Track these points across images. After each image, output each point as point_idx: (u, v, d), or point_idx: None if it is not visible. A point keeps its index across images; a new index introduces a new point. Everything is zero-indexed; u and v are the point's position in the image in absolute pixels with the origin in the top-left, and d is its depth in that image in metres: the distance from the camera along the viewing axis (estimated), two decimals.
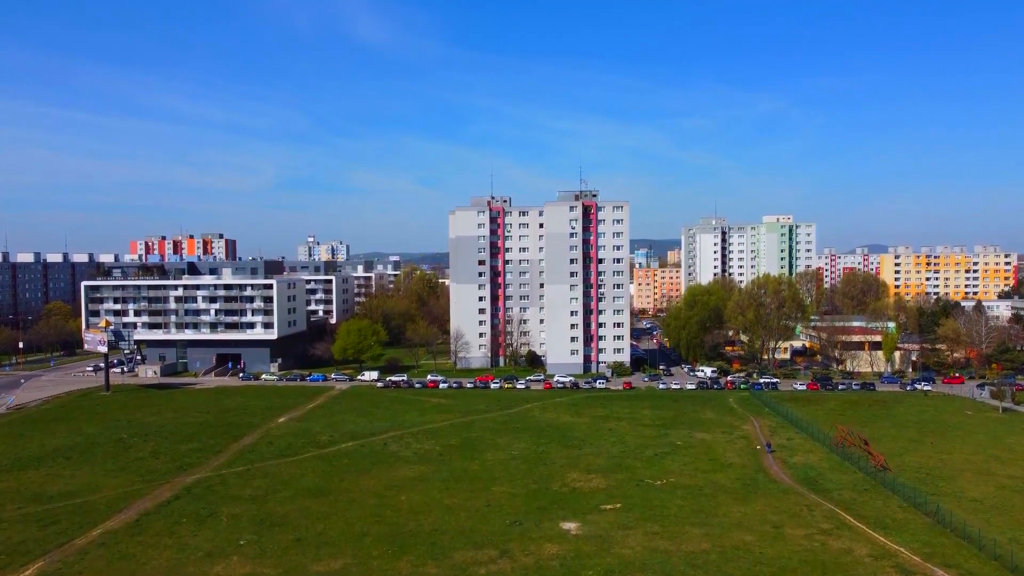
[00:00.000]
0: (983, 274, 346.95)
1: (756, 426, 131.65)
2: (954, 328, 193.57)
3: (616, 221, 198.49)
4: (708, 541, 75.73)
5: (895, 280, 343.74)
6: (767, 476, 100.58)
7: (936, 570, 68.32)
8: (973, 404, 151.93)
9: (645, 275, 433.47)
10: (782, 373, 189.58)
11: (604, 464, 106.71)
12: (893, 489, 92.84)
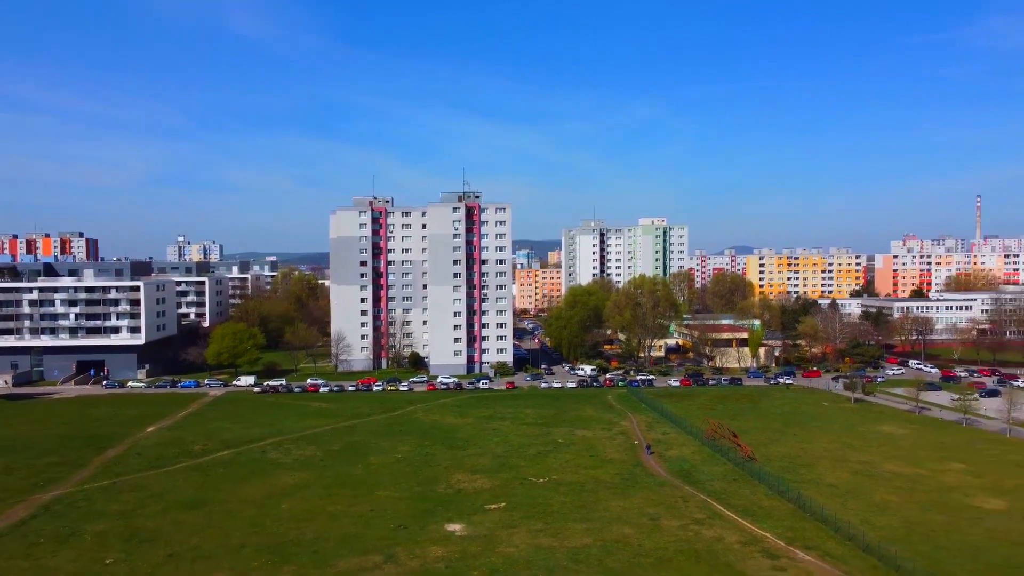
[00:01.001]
0: (837, 274, 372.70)
1: (634, 422, 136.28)
2: (812, 325, 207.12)
3: (499, 223, 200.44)
4: (590, 536, 77.89)
5: (760, 280, 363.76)
6: (645, 470, 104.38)
7: (798, 552, 73.05)
8: (829, 396, 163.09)
9: (527, 276, 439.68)
10: (658, 370, 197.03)
11: (488, 464, 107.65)
12: (760, 478, 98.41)
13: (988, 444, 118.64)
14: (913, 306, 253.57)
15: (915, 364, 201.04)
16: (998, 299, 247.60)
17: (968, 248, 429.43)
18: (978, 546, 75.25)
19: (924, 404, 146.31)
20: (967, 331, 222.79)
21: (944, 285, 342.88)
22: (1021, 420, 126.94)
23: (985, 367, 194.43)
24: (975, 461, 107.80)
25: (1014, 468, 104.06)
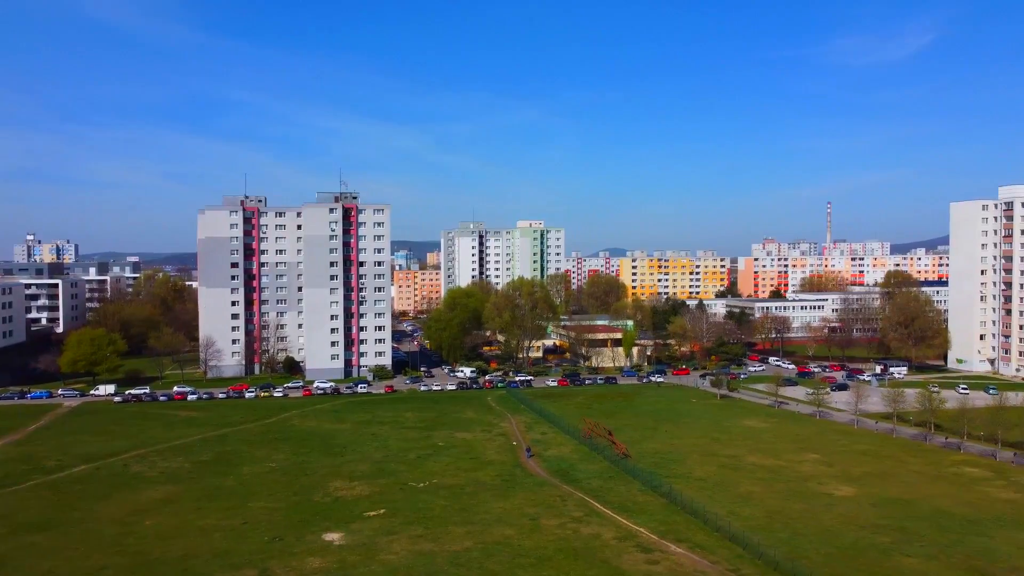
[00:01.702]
0: (704, 276, 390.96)
1: (513, 423, 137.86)
2: (681, 325, 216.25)
3: (377, 224, 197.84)
4: (471, 539, 78.17)
5: (633, 282, 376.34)
6: (525, 471, 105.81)
7: (670, 545, 76.09)
8: (698, 393, 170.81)
9: (406, 277, 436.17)
10: (536, 371, 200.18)
11: (368, 470, 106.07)
12: (634, 475, 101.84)
13: (839, 435, 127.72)
14: (772, 306, 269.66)
15: (774, 361, 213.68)
16: (846, 299, 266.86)
17: (820, 251, 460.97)
18: (831, 530, 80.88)
19: (783, 399, 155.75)
20: (819, 329, 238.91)
21: (799, 286, 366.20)
22: (867, 412, 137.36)
23: (836, 363, 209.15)
24: (828, 451, 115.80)
25: (861, 457, 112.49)
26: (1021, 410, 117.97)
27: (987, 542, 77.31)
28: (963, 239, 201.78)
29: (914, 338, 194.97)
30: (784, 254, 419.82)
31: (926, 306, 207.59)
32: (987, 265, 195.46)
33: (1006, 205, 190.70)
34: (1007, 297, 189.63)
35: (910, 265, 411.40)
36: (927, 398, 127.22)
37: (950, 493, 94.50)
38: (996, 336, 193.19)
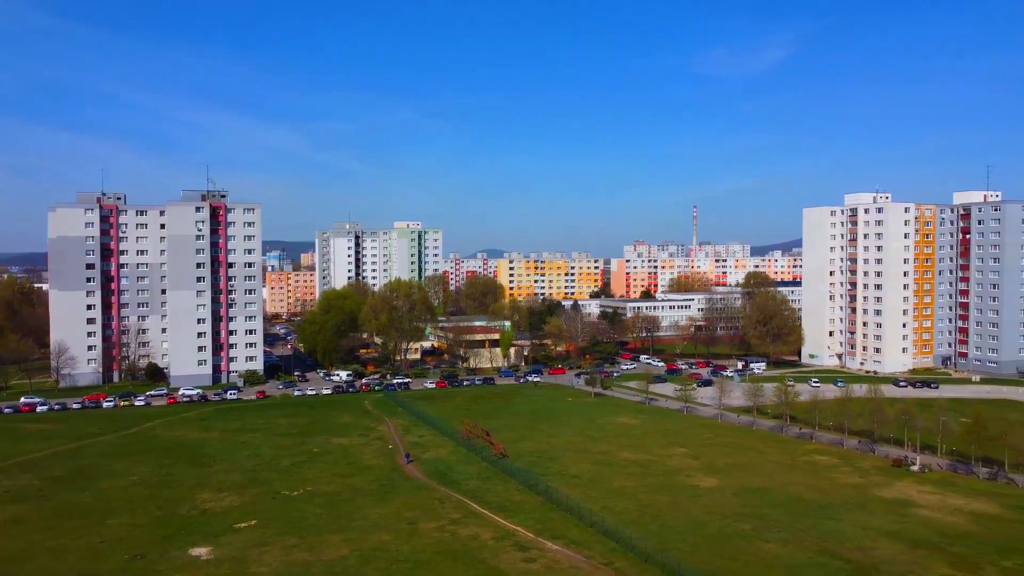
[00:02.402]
0: (579, 277, 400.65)
1: (391, 427, 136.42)
2: (557, 325, 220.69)
3: (248, 223, 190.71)
4: (347, 546, 76.79)
5: (510, 282, 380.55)
6: (402, 474, 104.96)
7: (546, 543, 77.56)
8: (573, 391, 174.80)
9: (279, 279, 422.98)
10: (414, 373, 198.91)
11: (238, 480, 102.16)
12: (511, 474, 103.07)
13: (704, 429, 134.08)
14: (643, 306, 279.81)
15: (645, 359, 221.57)
16: (711, 299, 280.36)
17: (687, 253, 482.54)
18: (697, 520, 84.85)
19: (653, 395, 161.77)
20: (687, 328, 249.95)
21: (668, 287, 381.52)
22: (730, 406, 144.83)
23: (702, 360, 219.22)
24: (694, 445, 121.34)
25: (725, 449, 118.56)
26: (864, 401, 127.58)
27: (836, 525, 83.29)
28: (814, 242, 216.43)
29: (772, 335, 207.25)
30: (654, 256, 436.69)
31: (782, 305, 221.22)
32: (835, 267, 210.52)
33: (851, 211, 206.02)
34: (852, 296, 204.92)
35: (768, 266, 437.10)
36: (783, 392, 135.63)
37: (804, 481, 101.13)
38: (843, 333, 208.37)
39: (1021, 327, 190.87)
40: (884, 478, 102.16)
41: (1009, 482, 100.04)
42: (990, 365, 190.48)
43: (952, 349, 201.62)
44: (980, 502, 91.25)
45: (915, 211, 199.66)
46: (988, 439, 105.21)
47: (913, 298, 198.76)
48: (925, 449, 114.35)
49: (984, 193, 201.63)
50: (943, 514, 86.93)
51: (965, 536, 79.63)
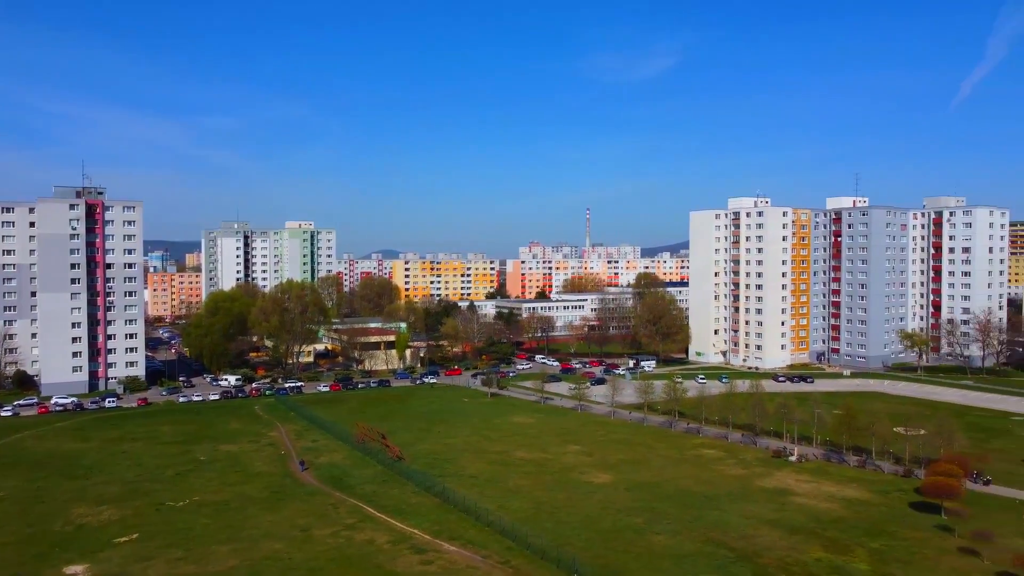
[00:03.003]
0: (475, 278, 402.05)
1: (283, 432, 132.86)
2: (453, 326, 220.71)
3: (128, 222, 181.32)
4: (237, 557, 74.35)
5: (405, 284, 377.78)
6: (295, 481, 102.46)
7: (444, 544, 77.52)
8: (469, 392, 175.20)
9: (162, 280, 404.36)
10: (307, 376, 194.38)
11: (118, 492, 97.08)
12: (408, 477, 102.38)
13: (598, 426, 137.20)
14: (538, 306, 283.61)
15: (540, 359, 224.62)
16: (603, 299, 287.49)
17: (580, 255, 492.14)
18: (591, 516, 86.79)
19: (548, 395, 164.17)
20: (580, 328, 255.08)
21: (562, 287, 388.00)
22: (622, 403, 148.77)
23: (595, 358, 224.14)
24: (588, 442, 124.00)
25: (617, 445, 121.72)
26: (747, 396, 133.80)
27: (721, 515, 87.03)
28: (700, 244, 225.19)
29: (661, 334, 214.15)
30: (548, 257, 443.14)
31: (671, 305, 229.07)
32: (720, 268, 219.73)
33: (734, 215, 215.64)
34: (735, 296, 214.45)
35: (657, 267, 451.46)
36: (672, 389, 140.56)
37: (691, 474, 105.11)
38: (727, 331, 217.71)
39: (886, 324, 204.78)
40: (765, 469, 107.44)
41: (876, 469, 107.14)
42: (859, 360, 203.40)
43: (826, 345, 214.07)
44: (851, 488, 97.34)
45: (792, 215, 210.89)
46: (858, 429, 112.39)
47: (791, 297, 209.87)
48: (802, 440, 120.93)
49: (853, 199, 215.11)
50: (818, 501, 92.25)
51: (838, 521, 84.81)
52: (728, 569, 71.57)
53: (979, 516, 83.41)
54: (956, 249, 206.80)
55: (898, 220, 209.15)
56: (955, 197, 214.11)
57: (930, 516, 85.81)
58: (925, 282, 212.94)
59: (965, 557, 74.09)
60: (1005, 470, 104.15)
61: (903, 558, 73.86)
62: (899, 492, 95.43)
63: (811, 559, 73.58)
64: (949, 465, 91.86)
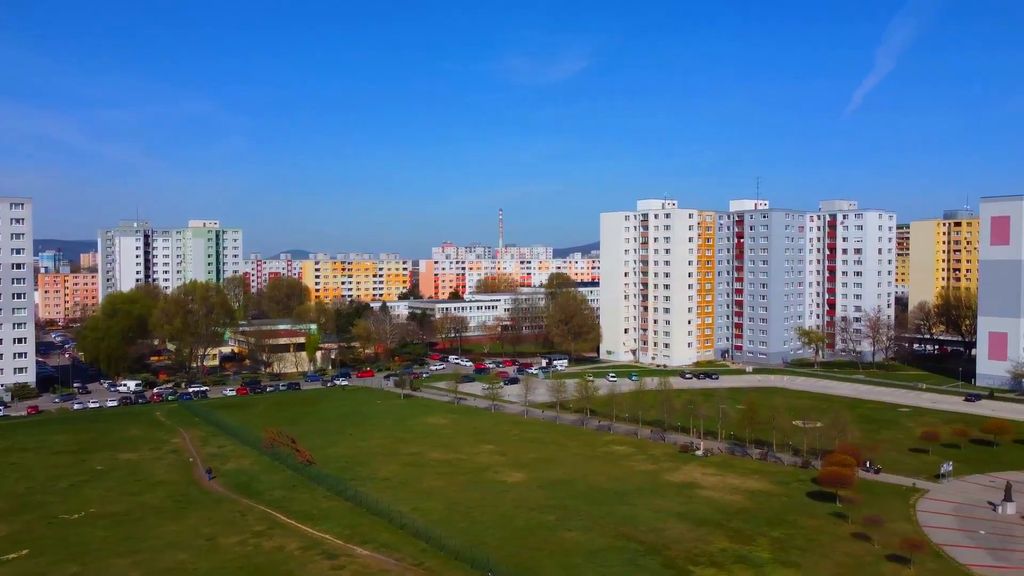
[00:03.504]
0: (387, 278, 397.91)
1: (187, 438, 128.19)
2: (365, 327, 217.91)
3: (16, 220, 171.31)
4: (138, 569, 71.36)
5: (316, 284, 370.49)
6: (200, 488, 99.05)
7: (356, 548, 76.47)
8: (382, 394, 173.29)
9: (54, 281, 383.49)
10: (212, 380, 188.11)
11: (5, 506, 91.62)
12: (319, 481, 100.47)
13: (511, 425, 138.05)
14: (451, 307, 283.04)
15: (454, 359, 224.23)
16: (516, 299, 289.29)
17: (494, 255, 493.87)
18: (505, 515, 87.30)
19: (461, 395, 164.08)
20: (494, 328, 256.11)
21: (475, 288, 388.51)
22: (535, 402, 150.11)
23: (508, 358, 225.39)
24: (501, 441, 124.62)
25: (530, 444, 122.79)
26: (656, 393, 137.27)
27: (631, 510, 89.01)
28: (610, 245, 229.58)
29: (573, 334, 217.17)
30: (462, 257, 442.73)
31: (582, 305, 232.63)
32: (629, 268, 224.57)
33: (643, 216, 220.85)
34: (644, 296, 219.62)
35: (569, 268, 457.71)
36: (583, 387, 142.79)
37: (602, 470, 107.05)
38: (637, 330, 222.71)
39: (785, 322, 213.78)
40: (673, 463, 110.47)
41: (777, 461, 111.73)
42: (761, 356, 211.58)
43: (730, 343, 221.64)
44: (753, 480, 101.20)
45: (698, 217, 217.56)
46: (760, 423, 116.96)
47: (697, 297, 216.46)
48: (708, 435, 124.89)
49: (755, 202, 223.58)
50: (723, 493, 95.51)
51: (741, 512, 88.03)
52: (638, 562, 73.28)
53: (870, 503, 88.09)
54: (849, 250, 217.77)
55: (796, 222, 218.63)
56: (848, 201, 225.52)
57: (826, 504, 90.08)
58: (821, 281, 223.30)
59: (858, 542, 78.14)
60: (894, 459, 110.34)
61: (801, 545, 77.30)
62: (798, 483, 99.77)
63: (717, 549, 76.13)
64: (843, 456, 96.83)
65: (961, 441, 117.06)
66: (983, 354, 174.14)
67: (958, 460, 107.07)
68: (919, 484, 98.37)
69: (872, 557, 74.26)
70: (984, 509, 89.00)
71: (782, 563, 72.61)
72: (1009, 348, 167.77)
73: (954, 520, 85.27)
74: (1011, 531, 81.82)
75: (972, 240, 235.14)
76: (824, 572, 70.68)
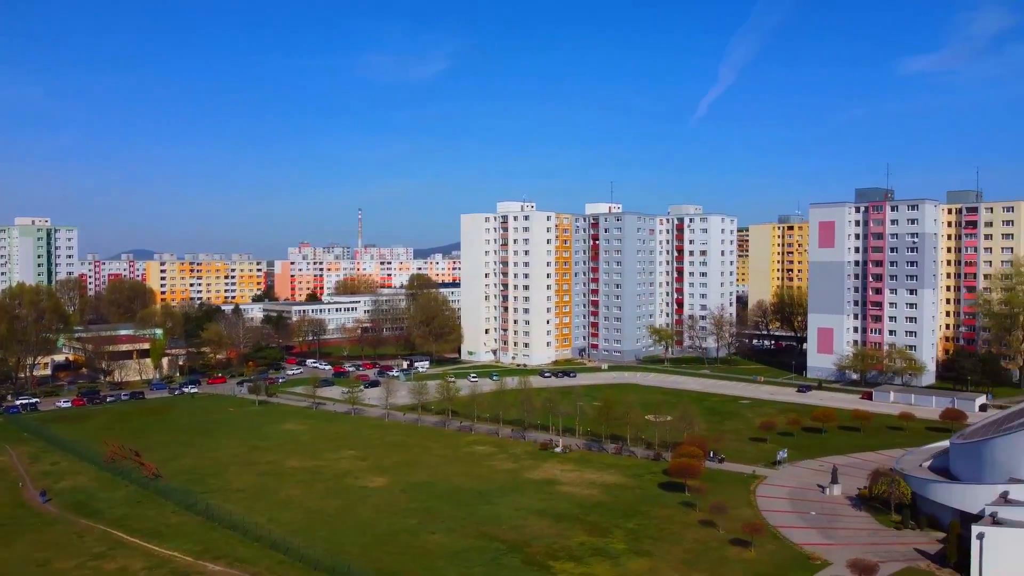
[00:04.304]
0: (240, 280, 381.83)
1: (14, 456, 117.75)
2: (217, 331, 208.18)
3: None
4: None
5: (162, 287, 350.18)
6: (30, 510, 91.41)
7: (207, 565, 73.09)
8: (235, 401, 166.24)
9: None
10: (44, 392, 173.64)
11: None
12: (167, 496, 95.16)
13: (372, 429, 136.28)
14: (309, 309, 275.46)
15: (312, 363, 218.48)
16: (376, 300, 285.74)
17: (353, 256, 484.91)
18: (367, 521, 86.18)
19: (320, 400, 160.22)
20: (354, 330, 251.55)
21: (334, 289, 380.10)
22: (397, 405, 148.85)
23: (369, 361, 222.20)
24: (362, 446, 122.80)
25: (392, 448, 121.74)
26: (516, 392, 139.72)
27: (493, 509, 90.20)
28: (471, 246, 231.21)
29: (434, 335, 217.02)
30: (320, 258, 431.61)
31: (443, 306, 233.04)
32: (490, 269, 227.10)
33: (503, 218, 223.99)
34: (505, 296, 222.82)
35: (430, 268, 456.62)
36: (445, 388, 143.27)
37: (465, 471, 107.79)
38: (497, 330, 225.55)
39: (638, 320, 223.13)
40: (533, 461, 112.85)
41: (631, 454, 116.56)
42: (616, 354, 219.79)
43: (586, 341, 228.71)
44: (609, 474, 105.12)
45: (556, 219, 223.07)
46: (615, 419, 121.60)
47: (555, 297, 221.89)
48: (566, 432, 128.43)
49: (609, 205, 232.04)
50: (581, 488, 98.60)
51: (598, 505, 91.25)
52: (500, 560, 74.41)
53: (716, 491, 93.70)
54: (695, 252, 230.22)
55: (647, 225, 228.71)
56: (694, 205, 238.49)
57: (676, 494, 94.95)
58: (670, 282, 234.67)
59: (705, 528, 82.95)
60: (736, 448, 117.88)
61: (654, 535, 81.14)
62: (650, 475, 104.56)
63: (575, 543, 78.55)
64: (691, 447, 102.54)
65: (794, 429, 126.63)
66: (813, 348, 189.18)
67: (792, 447, 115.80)
68: (758, 471, 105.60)
69: (717, 542, 79.06)
70: (814, 491, 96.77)
71: (636, 553, 75.94)
72: (835, 342, 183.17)
73: (789, 503, 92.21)
74: (837, 510, 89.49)
75: (803, 243, 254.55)
76: (674, 559, 74.53)
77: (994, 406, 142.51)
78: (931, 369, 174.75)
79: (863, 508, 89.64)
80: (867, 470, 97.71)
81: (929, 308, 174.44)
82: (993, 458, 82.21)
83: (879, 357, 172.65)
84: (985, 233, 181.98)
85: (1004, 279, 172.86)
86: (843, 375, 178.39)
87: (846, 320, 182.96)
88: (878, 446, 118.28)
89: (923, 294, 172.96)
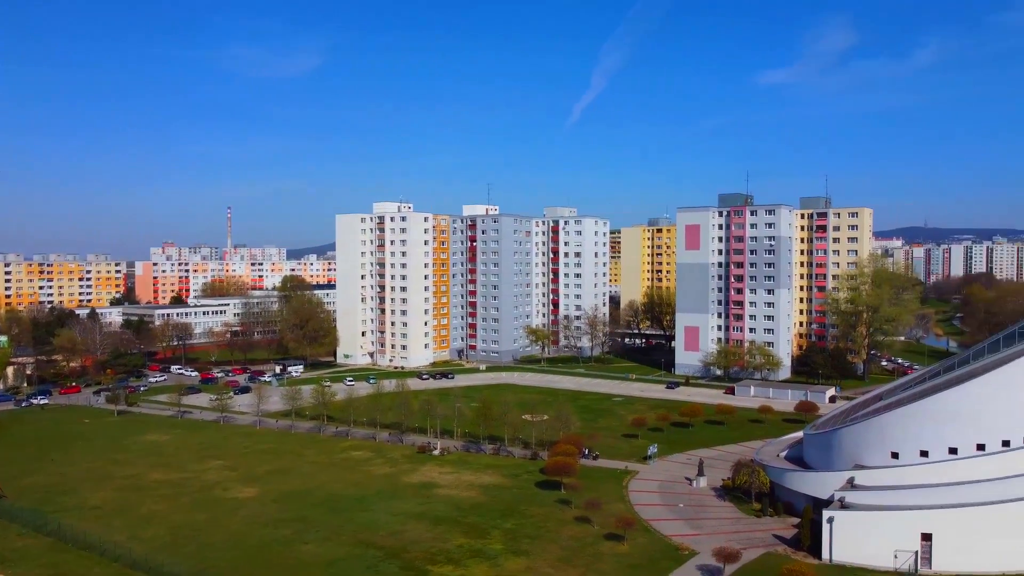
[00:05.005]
0: (97, 282, 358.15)
1: None
2: (70, 337, 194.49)
3: None
4: None
5: (7, 290, 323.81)
6: None
7: None
8: (92, 411, 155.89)
9: None
10: None
11: None
12: (12, 517, 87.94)
13: (242, 437, 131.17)
14: (173, 312, 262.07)
15: (177, 369, 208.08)
16: (247, 303, 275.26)
17: (222, 256, 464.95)
18: (237, 534, 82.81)
19: (186, 408, 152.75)
20: (222, 334, 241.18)
21: (201, 291, 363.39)
22: (269, 411, 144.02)
23: (239, 366, 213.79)
24: (232, 455, 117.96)
25: (264, 456, 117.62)
26: (394, 395, 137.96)
27: (371, 515, 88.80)
28: (347, 247, 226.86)
29: (309, 338, 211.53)
30: (185, 259, 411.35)
31: (318, 308, 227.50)
32: (366, 270, 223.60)
33: (379, 219, 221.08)
34: (382, 298, 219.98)
35: (304, 270, 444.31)
36: (320, 393, 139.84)
37: (341, 477, 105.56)
38: (374, 332, 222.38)
39: (515, 321, 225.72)
40: (412, 465, 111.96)
41: (509, 454, 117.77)
42: (494, 355, 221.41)
43: (464, 342, 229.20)
44: (487, 475, 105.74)
45: (433, 221, 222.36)
46: (493, 420, 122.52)
47: (433, 299, 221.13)
48: (444, 434, 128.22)
49: (486, 207, 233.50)
50: (459, 490, 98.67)
51: (476, 507, 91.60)
52: (378, 568, 73.34)
53: (590, 487, 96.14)
54: (570, 254, 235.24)
55: (524, 227, 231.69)
56: (569, 208, 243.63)
57: (552, 492, 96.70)
58: (546, 283, 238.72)
59: (580, 525, 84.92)
60: (609, 445, 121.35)
61: (531, 533, 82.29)
62: (527, 474, 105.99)
63: (454, 547, 78.52)
64: (566, 445, 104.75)
65: (664, 425, 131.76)
66: (680, 346, 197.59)
67: (662, 442, 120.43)
68: (630, 467, 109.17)
69: (592, 538, 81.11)
70: (683, 484, 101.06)
71: (514, 553, 76.76)
72: (701, 340, 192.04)
73: (659, 496, 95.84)
74: (703, 501, 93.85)
75: (671, 245, 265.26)
76: (551, 556, 75.86)
77: (842, 397, 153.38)
78: (787, 364, 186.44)
79: (727, 498, 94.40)
80: (731, 462, 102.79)
81: (785, 307, 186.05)
82: (840, 447, 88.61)
83: (741, 354, 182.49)
84: (833, 237, 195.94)
85: (850, 279, 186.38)
86: (708, 371, 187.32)
87: (711, 319, 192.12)
88: (740, 438, 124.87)
89: (780, 294, 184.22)
